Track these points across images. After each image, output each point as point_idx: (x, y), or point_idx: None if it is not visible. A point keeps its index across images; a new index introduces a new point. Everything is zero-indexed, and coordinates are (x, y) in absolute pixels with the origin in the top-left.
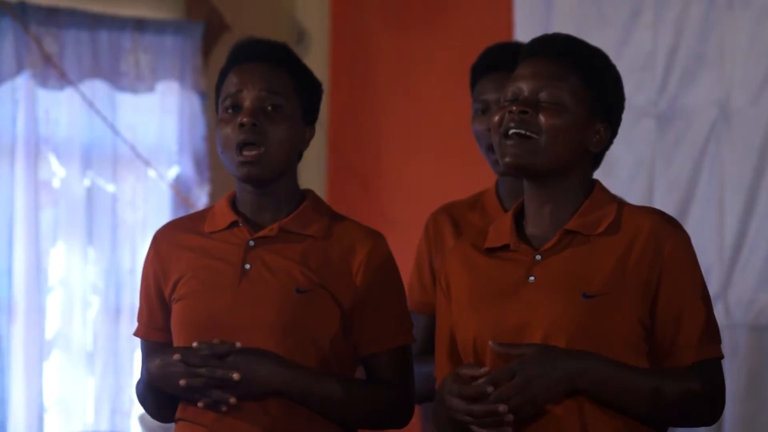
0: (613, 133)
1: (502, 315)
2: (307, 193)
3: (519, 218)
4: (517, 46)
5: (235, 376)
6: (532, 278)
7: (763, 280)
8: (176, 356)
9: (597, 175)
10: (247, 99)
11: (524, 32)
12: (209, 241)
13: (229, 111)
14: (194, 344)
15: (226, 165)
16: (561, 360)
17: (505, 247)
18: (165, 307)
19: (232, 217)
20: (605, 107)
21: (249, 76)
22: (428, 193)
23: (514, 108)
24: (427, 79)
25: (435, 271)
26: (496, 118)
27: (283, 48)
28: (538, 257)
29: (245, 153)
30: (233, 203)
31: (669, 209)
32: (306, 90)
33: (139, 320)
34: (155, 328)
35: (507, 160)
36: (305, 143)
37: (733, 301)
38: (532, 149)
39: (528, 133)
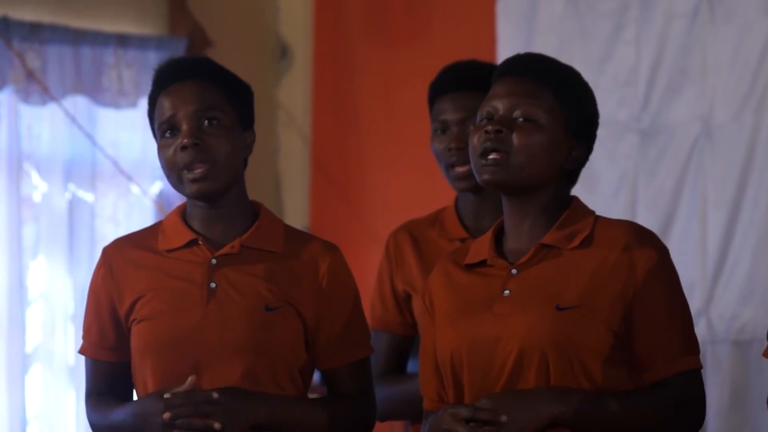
0: (588, 150)
1: (478, 329)
2: (259, 206)
3: (501, 234)
4: (475, 64)
5: (216, 425)
6: (507, 292)
7: (746, 296)
8: (166, 415)
9: (580, 190)
10: (183, 120)
11: (507, 48)
12: (167, 260)
13: (168, 135)
14: (165, 396)
15: (174, 187)
16: (539, 395)
17: (484, 263)
18: (118, 327)
19: (189, 234)
20: (580, 125)
21: (179, 97)
22: (411, 207)
23: (489, 128)
24: (410, 93)
25: (396, 290)
26: (474, 139)
27: (207, 62)
28: (514, 271)
29: (193, 170)
30: (185, 219)
31: (652, 225)
32: (237, 97)
33: (85, 338)
34: (106, 348)
35: (485, 177)
36: (248, 149)
37: (715, 316)
38: (507, 167)
39: (502, 152)
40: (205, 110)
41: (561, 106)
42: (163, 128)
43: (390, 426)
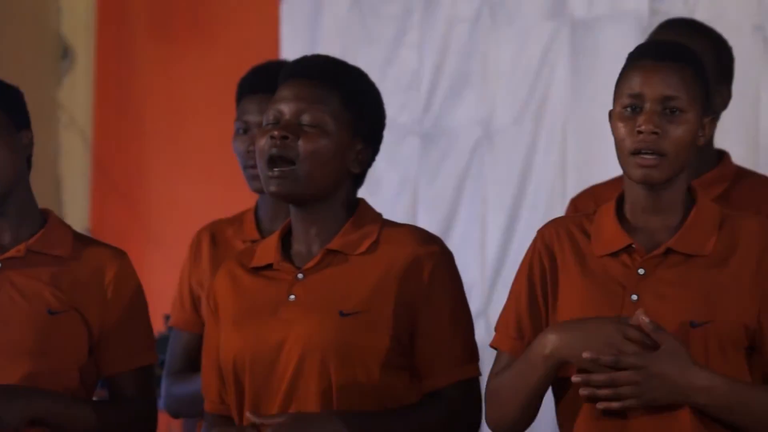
0: (375, 152)
1: (262, 334)
2: (48, 212)
3: (288, 237)
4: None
5: None
6: (292, 297)
7: None
8: None
9: (362, 191)
10: None
11: (290, 50)
12: None
13: None
14: None
15: None
16: (314, 426)
17: (270, 266)
18: None
19: None
20: (366, 128)
21: None
22: (194, 211)
23: (275, 133)
24: (193, 96)
25: (192, 289)
26: (261, 143)
27: None
28: (300, 276)
29: None
30: None
31: (432, 226)
32: (5, 100)
33: None
34: None
35: (272, 189)
36: (27, 149)
37: (494, 318)
38: (293, 178)
39: (287, 159)
40: None
41: (348, 109)
42: None
43: (167, 425)
